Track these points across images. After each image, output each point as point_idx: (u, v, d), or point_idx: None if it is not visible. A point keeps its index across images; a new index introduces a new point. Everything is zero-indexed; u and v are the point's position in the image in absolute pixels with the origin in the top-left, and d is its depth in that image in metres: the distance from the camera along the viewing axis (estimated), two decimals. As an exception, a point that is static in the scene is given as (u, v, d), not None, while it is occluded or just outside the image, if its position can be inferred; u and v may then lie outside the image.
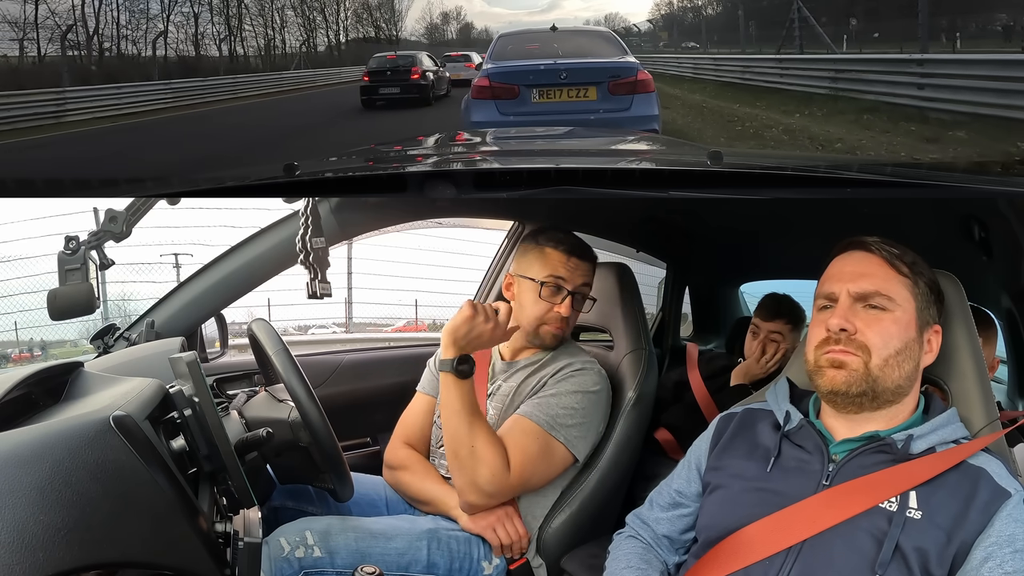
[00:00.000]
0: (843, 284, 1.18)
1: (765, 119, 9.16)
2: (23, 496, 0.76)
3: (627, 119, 5.10)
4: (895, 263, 1.17)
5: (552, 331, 1.70)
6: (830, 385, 1.16)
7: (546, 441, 1.56)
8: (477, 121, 5.28)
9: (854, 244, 1.22)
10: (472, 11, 50.09)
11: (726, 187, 1.37)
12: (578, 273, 1.71)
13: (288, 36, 26.19)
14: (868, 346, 1.14)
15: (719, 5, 23.28)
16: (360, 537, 1.50)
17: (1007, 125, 6.43)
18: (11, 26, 16.78)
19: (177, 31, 20.94)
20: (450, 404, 1.51)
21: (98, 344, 2.02)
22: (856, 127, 7.90)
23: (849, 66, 10.21)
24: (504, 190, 1.34)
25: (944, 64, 8.06)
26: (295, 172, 1.43)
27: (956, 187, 1.53)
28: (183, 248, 6.92)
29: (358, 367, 2.45)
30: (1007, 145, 6.12)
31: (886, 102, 8.58)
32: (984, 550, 1.03)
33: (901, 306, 1.15)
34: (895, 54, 10.10)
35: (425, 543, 1.54)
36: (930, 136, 6.97)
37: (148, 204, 1.82)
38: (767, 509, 1.15)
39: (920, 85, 8.11)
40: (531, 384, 1.65)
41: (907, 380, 1.15)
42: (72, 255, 1.75)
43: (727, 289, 3.28)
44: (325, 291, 1.72)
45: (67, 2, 17.66)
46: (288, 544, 1.45)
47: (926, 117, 7.65)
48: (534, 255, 1.72)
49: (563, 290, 1.69)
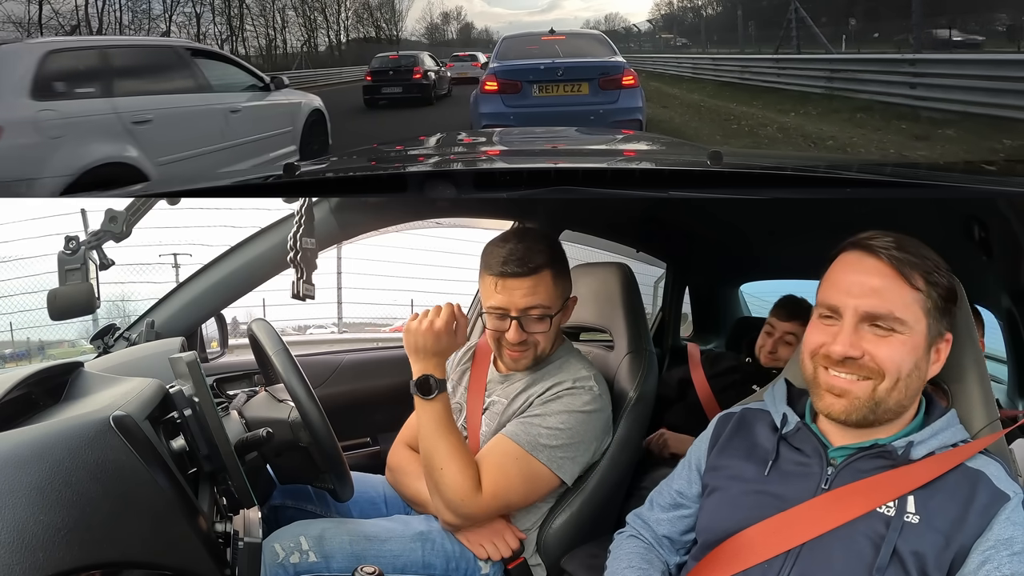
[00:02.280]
0: (849, 299, 1.08)
1: (761, 118, 9.36)
2: (23, 496, 0.76)
3: (615, 110, 5.90)
4: (908, 275, 1.07)
5: (512, 356, 1.59)
6: (827, 410, 1.13)
7: (527, 463, 1.50)
8: (485, 112, 6.00)
9: (861, 246, 1.11)
10: (472, 11, 50.07)
11: (726, 187, 1.37)
12: (517, 295, 1.53)
13: (289, 36, 26.28)
14: (880, 369, 1.07)
15: (719, 5, 23.30)
16: (355, 540, 1.50)
17: (995, 123, 6.62)
18: (15, 26, 16.83)
19: (179, 31, 21.00)
20: (420, 425, 1.51)
21: (98, 344, 2.02)
22: (849, 125, 8.04)
23: (844, 66, 10.37)
24: (504, 190, 1.34)
25: (935, 64, 8.21)
26: (295, 172, 1.43)
27: (956, 187, 1.52)
28: (183, 248, 6.93)
29: (358, 367, 2.45)
30: (993, 142, 6.28)
31: (879, 101, 8.76)
32: (982, 553, 1.02)
33: (912, 328, 1.07)
34: (890, 54, 10.23)
35: (419, 545, 1.53)
36: (920, 134, 7.09)
37: (148, 204, 1.82)
38: (766, 512, 1.14)
39: (912, 84, 8.28)
40: (519, 402, 1.60)
41: (911, 399, 1.12)
42: (72, 255, 1.75)
43: (727, 289, 3.29)
44: (309, 293, 1.71)
45: (70, 2, 17.74)
46: (283, 550, 1.44)
47: (918, 116, 7.79)
48: (480, 277, 1.60)
49: (507, 317, 1.56)
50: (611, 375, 1.75)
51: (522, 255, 1.52)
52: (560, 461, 1.53)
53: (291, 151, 5.51)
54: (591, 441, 1.58)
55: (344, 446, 1.57)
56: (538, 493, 1.56)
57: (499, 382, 1.69)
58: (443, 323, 1.50)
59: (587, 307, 1.82)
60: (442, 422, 1.50)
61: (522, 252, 1.53)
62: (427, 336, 1.50)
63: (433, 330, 1.50)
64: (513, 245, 1.54)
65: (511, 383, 1.66)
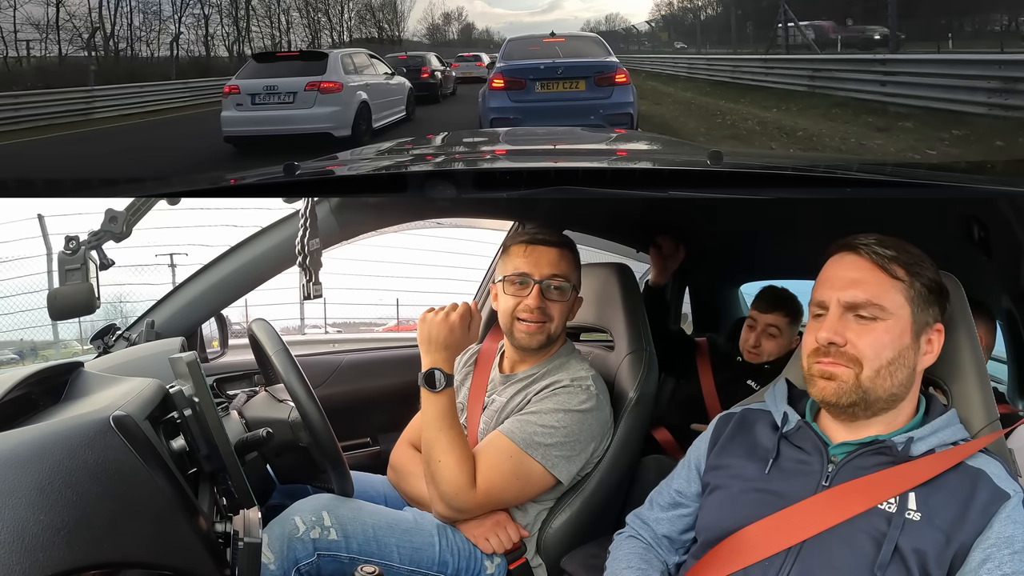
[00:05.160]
0: (833, 292, 1.15)
1: (744, 114, 10.05)
2: (23, 496, 0.76)
3: (608, 104, 6.62)
4: (888, 267, 1.13)
5: (525, 329, 1.62)
6: (821, 395, 1.16)
7: (520, 460, 1.51)
8: (494, 107, 6.75)
9: (845, 246, 1.18)
10: (473, 12, 50.21)
11: (726, 187, 1.37)
12: (543, 261, 1.62)
13: (294, 37, 26.35)
14: (859, 358, 1.12)
15: (718, 6, 23.33)
16: (378, 525, 1.50)
17: (949, 117, 7.25)
18: (34, 27, 17.10)
19: (188, 32, 21.12)
20: (424, 416, 1.52)
21: (98, 344, 2.02)
22: (823, 120, 8.64)
23: (825, 65, 10.91)
24: (504, 190, 1.34)
25: (903, 63, 8.84)
26: (295, 172, 1.43)
27: (956, 187, 1.52)
28: (182, 248, 6.93)
29: (358, 367, 2.45)
30: (943, 133, 6.84)
31: (854, 98, 9.31)
32: (983, 551, 1.02)
33: (894, 314, 1.12)
34: (866, 54, 10.74)
35: (437, 539, 1.54)
36: (882, 126, 7.66)
37: (148, 204, 1.82)
38: (766, 510, 1.15)
39: (883, 82, 8.84)
40: (517, 400, 1.62)
41: (901, 387, 1.14)
42: (72, 255, 1.75)
43: (727, 289, 3.28)
44: (318, 293, 1.73)
45: (84, 5, 17.94)
46: (304, 523, 1.43)
47: (886, 110, 8.33)
48: (501, 258, 1.71)
49: (529, 281, 1.62)
50: (611, 375, 1.75)
51: (551, 232, 1.68)
52: (555, 459, 1.53)
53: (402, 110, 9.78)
54: (588, 441, 1.58)
55: (344, 446, 1.57)
56: (532, 491, 1.56)
57: (500, 383, 1.70)
58: (458, 317, 1.53)
59: (587, 307, 1.81)
60: (445, 416, 1.51)
61: (551, 231, 1.68)
62: (441, 328, 1.52)
63: (448, 322, 1.52)
64: (543, 229, 1.69)
65: (511, 383, 1.67)
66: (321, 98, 7.42)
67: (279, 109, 7.41)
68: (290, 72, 7.58)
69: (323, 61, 7.75)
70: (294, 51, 16.34)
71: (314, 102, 7.40)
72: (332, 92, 7.49)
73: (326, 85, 7.47)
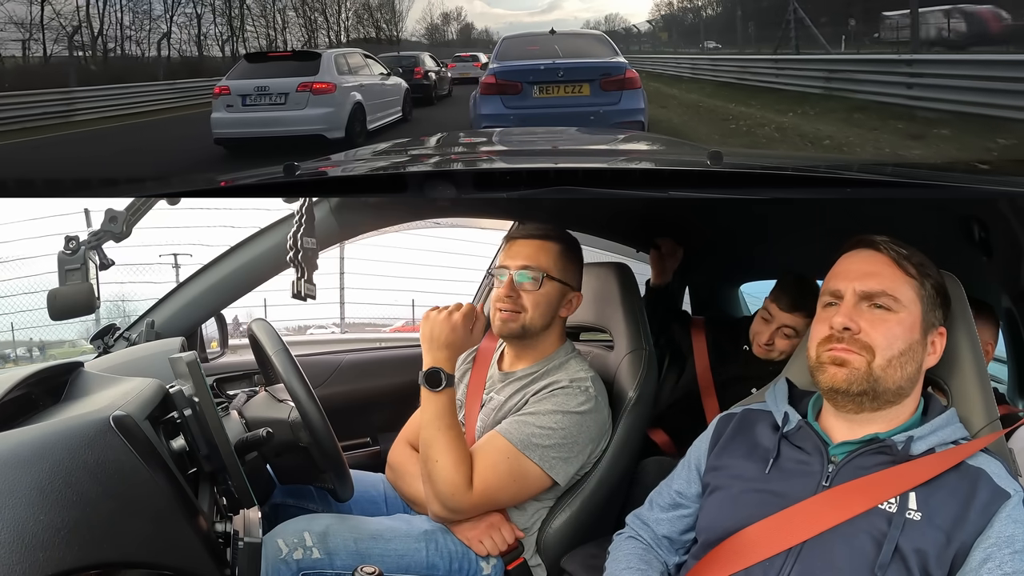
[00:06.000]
0: (849, 282, 1.17)
1: (759, 118, 9.40)
2: (23, 496, 0.76)
3: (617, 111, 5.77)
4: (903, 263, 1.16)
5: (500, 318, 1.62)
6: (831, 382, 1.15)
7: (517, 461, 1.51)
8: (485, 114, 5.96)
9: (863, 242, 1.21)
10: (472, 12, 50.19)
11: (726, 187, 1.37)
12: (519, 254, 1.63)
13: (290, 37, 26.26)
14: (872, 346, 1.13)
15: (719, 6, 23.29)
16: (360, 538, 1.50)
17: (989, 123, 6.64)
18: (17, 26, 16.91)
19: (180, 31, 21.02)
20: (423, 415, 1.52)
21: (98, 344, 2.02)
22: (846, 125, 8.09)
23: (842, 66, 10.44)
24: (504, 190, 1.34)
25: (932, 64, 8.31)
26: (295, 172, 1.43)
27: (956, 187, 1.53)
28: (183, 248, 6.93)
29: (358, 367, 2.45)
30: (987, 141, 6.32)
31: (876, 101, 8.82)
32: (983, 551, 1.03)
33: (907, 307, 1.14)
34: (888, 55, 10.31)
35: (423, 545, 1.53)
36: (915, 133, 7.14)
37: (148, 204, 1.82)
38: (767, 510, 1.15)
39: (909, 84, 8.35)
40: (515, 400, 1.62)
41: (908, 382, 1.15)
42: (72, 255, 1.75)
43: (727, 289, 3.28)
44: (310, 292, 1.72)
45: (72, 3, 17.79)
46: (286, 545, 1.44)
47: (913, 115, 7.83)
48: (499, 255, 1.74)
49: (504, 273, 1.63)
50: (611, 375, 1.75)
51: (535, 226, 1.67)
52: (552, 461, 1.53)
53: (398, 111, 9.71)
54: (586, 443, 1.58)
55: (344, 446, 1.57)
56: (528, 492, 1.56)
57: (499, 380, 1.70)
58: (461, 316, 1.54)
59: (587, 307, 1.81)
60: (444, 416, 1.50)
61: (536, 225, 1.67)
62: (444, 326, 1.52)
63: (451, 321, 1.53)
64: (531, 224, 1.68)
65: (510, 381, 1.67)
66: (314, 99, 7.28)
67: (270, 110, 7.25)
68: (282, 72, 7.43)
69: (316, 61, 7.58)
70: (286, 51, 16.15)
71: (306, 103, 7.26)
72: (325, 93, 7.34)
73: (319, 86, 7.31)
